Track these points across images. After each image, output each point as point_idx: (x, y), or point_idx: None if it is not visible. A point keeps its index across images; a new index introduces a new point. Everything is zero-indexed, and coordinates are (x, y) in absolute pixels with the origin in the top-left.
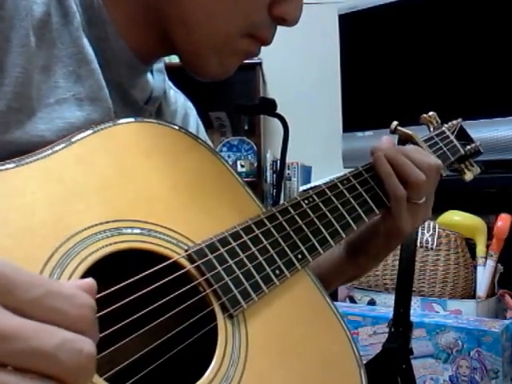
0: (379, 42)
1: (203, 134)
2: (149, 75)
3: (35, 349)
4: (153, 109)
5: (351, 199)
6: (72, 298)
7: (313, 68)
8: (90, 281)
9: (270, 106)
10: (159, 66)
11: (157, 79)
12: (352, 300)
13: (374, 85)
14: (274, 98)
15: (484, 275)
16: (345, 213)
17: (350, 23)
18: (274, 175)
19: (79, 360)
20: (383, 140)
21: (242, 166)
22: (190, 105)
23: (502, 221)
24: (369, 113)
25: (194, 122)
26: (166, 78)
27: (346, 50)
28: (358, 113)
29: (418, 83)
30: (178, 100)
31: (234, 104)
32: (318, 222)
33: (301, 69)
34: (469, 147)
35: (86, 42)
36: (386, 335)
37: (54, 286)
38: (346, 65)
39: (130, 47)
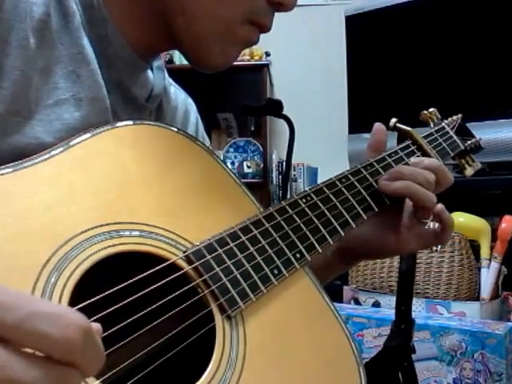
0: (386, 44)
1: (202, 131)
2: (149, 72)
3: (14, 380)
4: (153, 106)
5: (350, 197)
6: (57, 318)
7: (319, 69)
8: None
9: (276, 107)
10: (158, 63)
11: (157, 76)
12: (357, 302)
13: (380, 86)
14: (281, 99)
15: (488, 277)
16: (343, 211)
17: (356, 25)
18: (280, 176)
19: None
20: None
21: (248, 167)
22: (190, 101)
23: (506, 222)
24: (375, 114)
25: (194, 119)
26: (166, 75)
27: (353, 51)
28: (364, 114)
29: (423, 85)
30: (179, 96)
31: (241, 105)
32: (316, 221)
33: (307, 70)
34: (469, 142)
35: (86, 42)
36: None
37: (38, 306)
38: (352, 66)
39: (130, 44)
